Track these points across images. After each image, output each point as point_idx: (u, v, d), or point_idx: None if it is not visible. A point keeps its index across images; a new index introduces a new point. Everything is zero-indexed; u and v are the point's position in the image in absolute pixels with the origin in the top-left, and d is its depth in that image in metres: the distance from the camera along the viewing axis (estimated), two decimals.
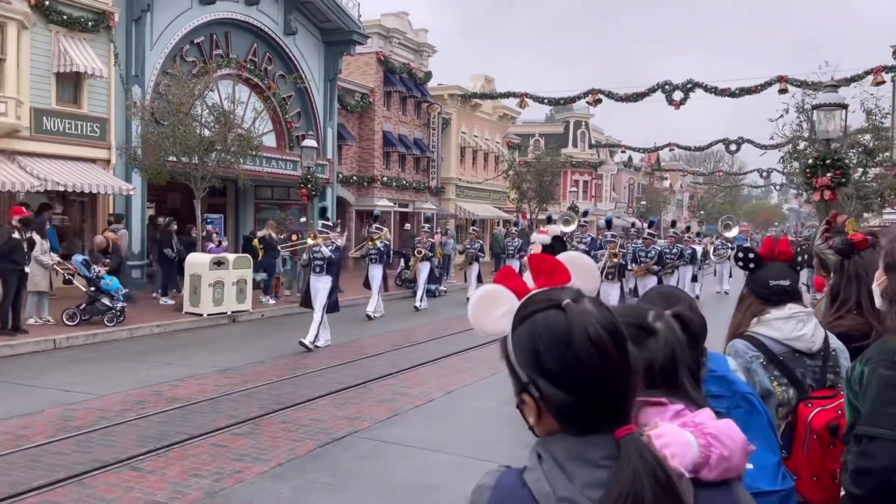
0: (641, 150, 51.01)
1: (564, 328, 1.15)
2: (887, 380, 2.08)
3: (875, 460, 2.01)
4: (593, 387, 1.15)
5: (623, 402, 1.17)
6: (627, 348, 1.19)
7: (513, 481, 1.19)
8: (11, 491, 5.33)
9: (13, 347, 10.78)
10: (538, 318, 1.18)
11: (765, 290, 2.81)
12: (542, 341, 1.16)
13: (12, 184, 14.17)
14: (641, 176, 63.46)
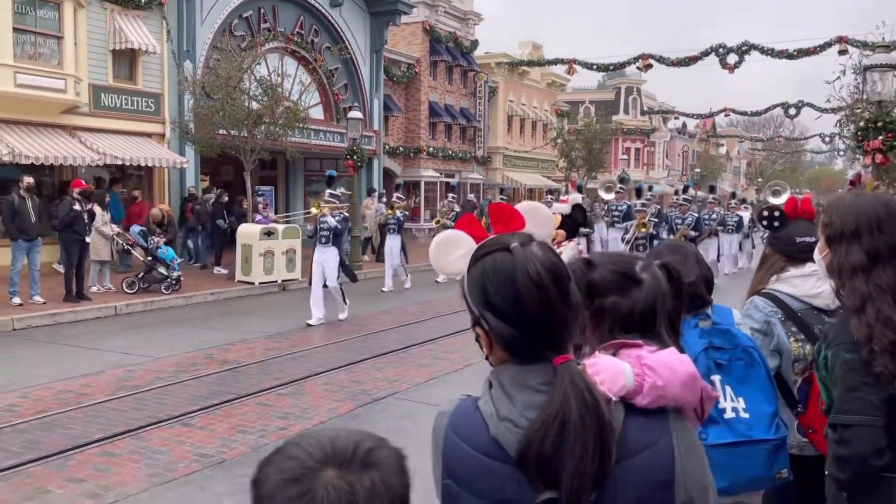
0: (696, 117, 49.73)
1: (510, 268, 1.30)
2: (851, 364, 2.07)
3: (853, 447, 2.03)
4: (534, 321, 1.30)
5: (561, 334, 1.32)
6: (568, 287, 1.33)
7: (468, 406, 1.36)
8: (73, 443, 5.76)
9: (77, 314, 11.39)
10: (488, 260, 1.33)
11: (790, 247, 2.88)
12: (490, 280, 1.32)
13: (73, 158, 14.81)
14: (696, 143, 62.01)
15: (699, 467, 1.38)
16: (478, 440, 1.30)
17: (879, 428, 2.01)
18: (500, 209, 1.43)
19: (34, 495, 4.82)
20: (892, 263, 2.09)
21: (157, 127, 17.84)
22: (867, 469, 2.04)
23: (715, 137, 62.55)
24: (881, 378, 2.01)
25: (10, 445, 5.70)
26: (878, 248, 2.10)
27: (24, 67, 14.37)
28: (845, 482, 2.11)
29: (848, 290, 2.13)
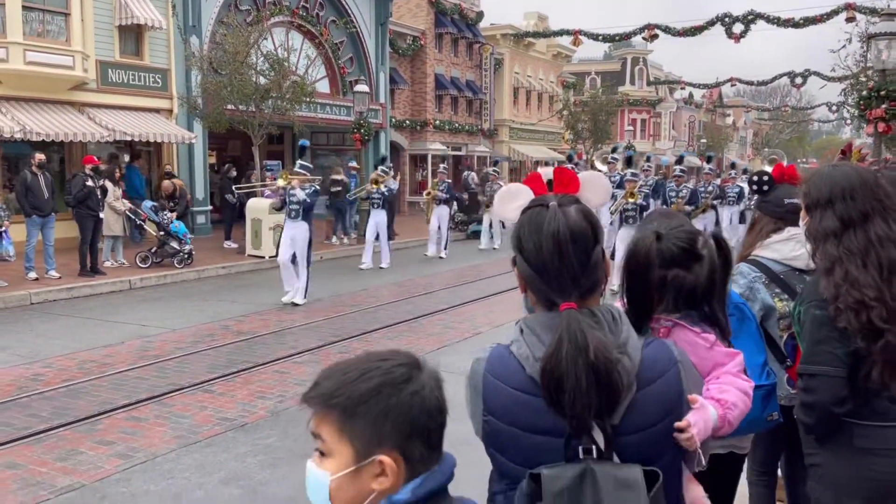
0: (702, 87, 49.41)
1: (541, 221, 1.53)
2: (819, 319, 2.25)
3: (817, 395, 2.22)
4: (549, 269, 1.51)
5: (572, 286, 1.51)
6: (587, 248, 1.52)
7: (501, 351, 1.56)
8: (101, 409, 6.00)
9: (93, 287, 11.63)
10: (529, 212, 1.57)
11: (779, 209, 3.06)
12: (524, 228, 1.56)
13: (83, 134, 14.95)
14: (703, 113, 61.63)
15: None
16: (515, 379, 1.50)
17: (842, 378, 2.20)
18: (562, 173, 1.65)
19: (67, 456, 5.07)
20: (862, 229, 2.25)
21: (164, 102, 17.94)
22: (829, 415, 2.23)
23: (721, 107, 62.20)
24: (845, 333, 2.18)
25: (39, 412, 5.95)
26: (850, 214, 2.27)
27: (32, 45, 14.47)
28: (810, 426, 2.32)
29: (820, 253, 2.31)
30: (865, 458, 2.24)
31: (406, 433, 1.17)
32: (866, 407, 2.23)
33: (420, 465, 1.20)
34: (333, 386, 1.18)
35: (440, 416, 1.22)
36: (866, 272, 2.21)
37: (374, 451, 1.17)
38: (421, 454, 1.19)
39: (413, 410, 1.17)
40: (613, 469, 1.45)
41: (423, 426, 1.18)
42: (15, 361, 7.47)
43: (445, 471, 1.23)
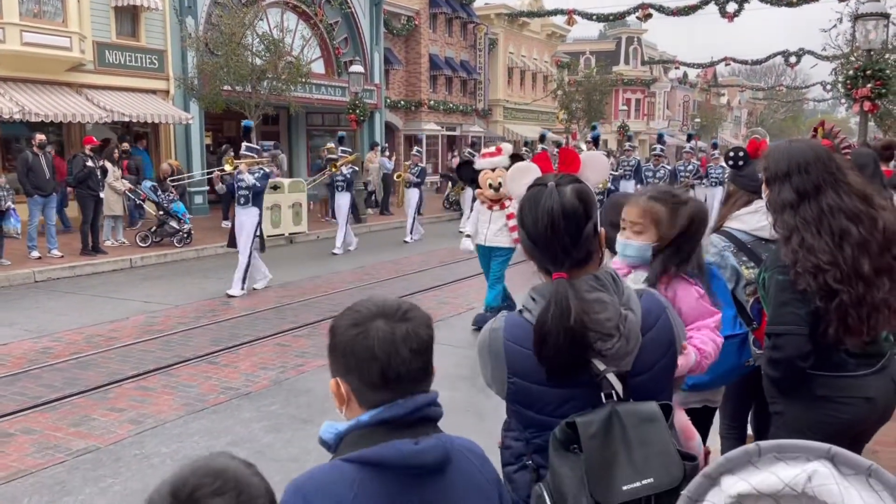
0: (697, 66, 49.37)
1: (539, 199, 1.76)
2: (782, 284, 2.50)
3: (784, 351, 2.48)
4: (543, 242, 1.75)
5: (563, 258, 1.74)
6: (579, 223, 1.74)
7: (515, 319, 1.81)
8: (110, 378, 6.27)
9: (95, 266, 11.86)
10: (531, 190, 1.81)
11: (754, 182, 3.30)
12: (525, 205, 1.79)
13: (82, 115, 15.09)
14: (697, 93, 61.68)
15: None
16: (530, 341, 1.71)
17: (805, 336, 2.47)
18: (566, 154, 1.89)
19: (81, 422, 5.34)
20: (816, 200, 2.49)
21: (161, 84, 18.04)
22: (795, 369, 2.51)
23: (716, 87, 62.20)
24: (805, 294, 2.44)
25: (52, 382, 6.21)
26: (805, 187, 2.50)
27: (29, 25, 14.56)
28: (777, 380, 2.59)
29: (779, 223, 2.54)
30: (824, 404, 2.51)
31: (343, 367, 1.39)
32: (825, 360, 2.49)
33: (362, 395, 1.38)
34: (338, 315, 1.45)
35: (373, 361, 1.34)
36: (821, 239, 2.44)
37: (333, 373, 1.43)
38: (358, 387, 1.38)
39: (347, 350, 1.37)
40: (634, 407, 1.69)
41: (355, 365, 1.37)
42: (24, 336, 7.72)
43: (404, 407, 1.37)
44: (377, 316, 1.38)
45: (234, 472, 1.13)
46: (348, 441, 1.38)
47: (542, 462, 1.76)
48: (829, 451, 1.38)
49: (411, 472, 1.34)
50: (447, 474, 1.39)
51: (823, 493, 1.35)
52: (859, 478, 1.36)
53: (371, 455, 1.33)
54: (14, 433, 5.14)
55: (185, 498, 1.07)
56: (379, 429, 1.36)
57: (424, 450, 1.35)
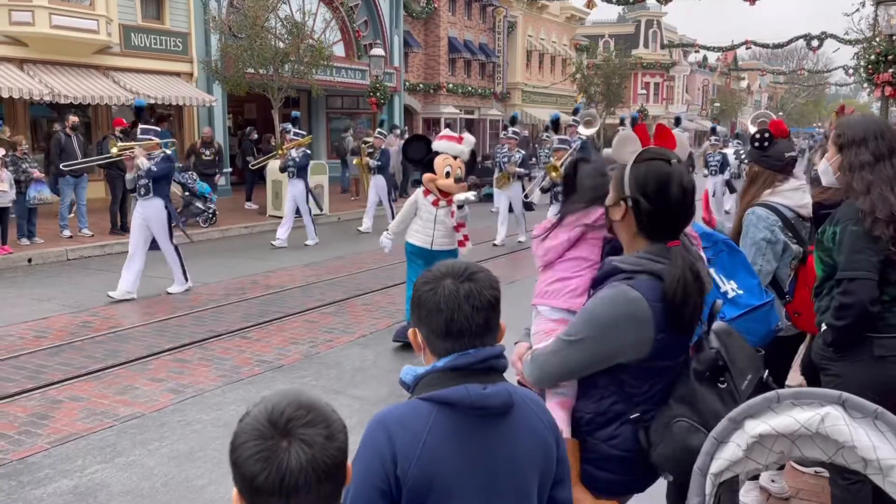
0: (717, 50, 48.81)
1: (667, 175, 1.98)
2: (856, 233, 2.76)
3: (855, 296, 2.72)
4: (668, 212, 1.99)
5: (681, 227, 2.03)
6: (694, 198, 2.02)
7: (645, 281, 1.97)
8: (149, 351, 6.54)
9: (124, 245, 11.99)
10: (653, 163, 2.00)
11: (780, 162, 3.47)
12: (650, 177, 1.99)
13: (109, 98, 15.37)
14: (717, 77, 61.17)
15: None
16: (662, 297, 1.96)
17: (875, 281, 2.72)
18: (663, 130, 2.10)
19: (125, 391, 5.61)
20: (890, 161, 2.81)
21: (185, 66, 18.29)
22: (865, 314, 2.73)
23: (736, 71, 61.58)
24: (879, 242, 2.70)
25: (93, 353, 6.49)
26: (881, 149, 2.83)
27: (58, 8, 14.82)
28: (842, 328, 2.80)
29: (857, 180, 2.83)
30: (883, 364, 2.75)
31: (417, 318, 1.61)
32: (882, 321, 2.74)
33: (432, 344, 1.59)
34: None
35: (438, 314, 1.55)
36: (894, 194, 2.76)
37: (414, 325, 1.65)
38: (428, 336, 1.59)
39: (420, 303, 1.59)
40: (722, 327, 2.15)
41: (426, 317, 1.58)
42: (62, 310, 8.02)
43: (474, 357, 1.56)
44: (446, 276, 1.58)
45: (322, 407, 1.27)
46: (424, 383, 1.58)
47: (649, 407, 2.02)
48: (840, 396, 1.57)
49: (478, 413, 1.52)
50: (510, 418, 1.57)
51: (834, 432, 1.54)
52: (867, 420, 1.55)
53: (445, 395, 1.52)
54: (62, 400, 5.42)
55: (281, 426, 1.17)
56: (451, 374, 1.55)
57: (491, 394, 1.53)
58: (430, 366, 1.59)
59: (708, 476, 1.63)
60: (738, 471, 1.64)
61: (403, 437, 1.49)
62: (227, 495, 4.04)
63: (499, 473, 1.54)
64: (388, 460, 1.48)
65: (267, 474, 1.14)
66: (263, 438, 1.16)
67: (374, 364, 6.35)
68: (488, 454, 1.53)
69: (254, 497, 1.18)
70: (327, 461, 1.18)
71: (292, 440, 1.17)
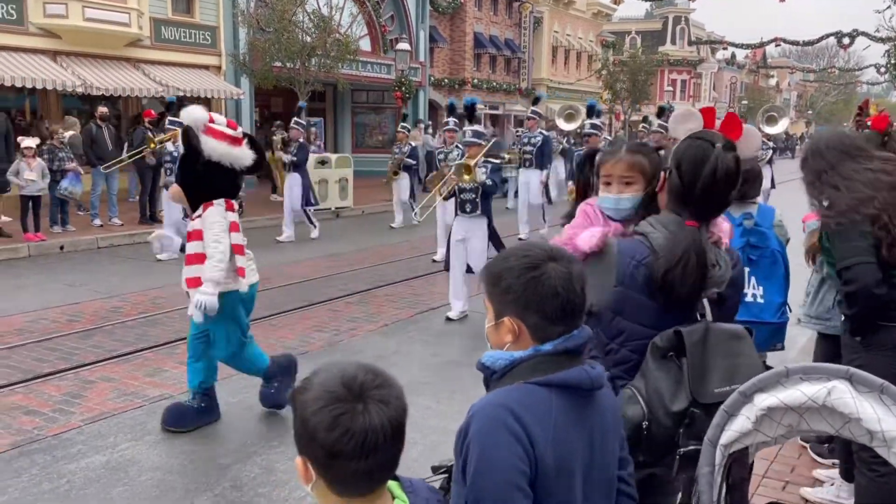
0: (745, 47, 48.34)
1: (703, 156, 2.02)
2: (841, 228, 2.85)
3: (857, 281, 2.77)
4: (698, 196, 2.02)
5: (706, 212, 2.06)
6: (731, 189, 2.04)
7: (630, 240, 2.09)
8: (177, 336, 6.67)
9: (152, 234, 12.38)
10: (698, 143, 2.05)
11: None
12: (687, 155, 2.04)
13: (139, 90, 15.63)
14: (745, 74, 60.52)
15: None
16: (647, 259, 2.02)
17: (873, 263, 2.77)
18: (732, 118, 2.13)
19: (155, 373, 5.76)
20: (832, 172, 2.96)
21: (213, 59, 18.52)
22: (873, 298, 2.77)
23: (765, 68, 60.92)
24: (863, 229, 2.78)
25: (124, 337, 6.67)
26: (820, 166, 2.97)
27: (91, 2, 15.08)
28: (855, 316, 2.85)
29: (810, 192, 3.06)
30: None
31: (522, 306, 1.54)
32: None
33: (540, 331, 1.54)
34: (489, 263, 1.65)
35: (555, 299, 1.51)
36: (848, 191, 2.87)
37: (503, 314, 1.58)
38: (536, 322, 1.53)
39: (528, 290, 1.53)
40: (724, 326, 2.02)
41: (537, 303, 1.52)
42: (94, 296, 8.22)
43: (580, 337, 1.57)
44: (548, 259, 1.55)
45: (384, 371, 1.33)
46: (527, 367, 1.54)
47: (619, 374, 2.05)
48: (847, 371, 1.62)
49: (583, 393, 1.56)
50: (598, 394, 1.61)
51: (840, 405, 1.60)
52: (873, 394, 1.60)
53: (567, 377, 1.52)
54: (94, 381, 5.59)
55: (356, 389, 1.23)
56: (559, 357, 1.54)
57: (600, 374, 1.58)
58: (532, 349, 1.56)
59: (718, 447, 1.69)
60: (747, 442, 1.70)
61: (534, 421, 1.47)
62: (252, 472, 4.17)
63: (595, 446, 1.59)
64: (527, 444, 1.45)
65: (351, 435, 1.20)
66: (341, 401, 1.22)
67: (396, 352, 6.44)
68: (591, 429, 1.58)
69: (333, 462, 1.23)
70: (400, 419, 1.26)
71: (368, 401, 1.23)
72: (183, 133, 4.44)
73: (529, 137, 12.90)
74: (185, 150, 4.51)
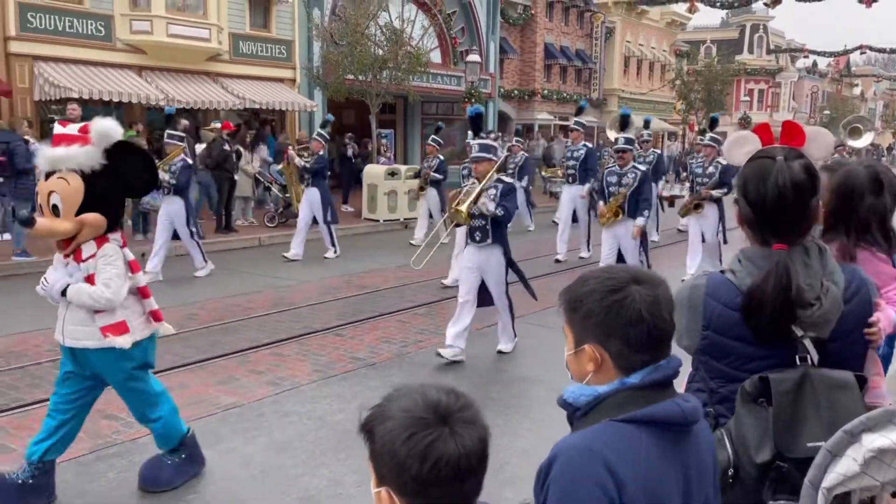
0: (828, 55, 46.81)
1: (766, 172, 1.85)
2: None
3: None
4: (769, 213, 1.86)
5: (787, 230, 1.84)
6: (806, 199, 1.84)
7: (718, 277, 1.92)
8: (249, 344, 6.81)
9: (228, 243, 12.73)
10: (757, 161, 1.91)
11: None
12: (750, 175, 1.90)
13: (218, 102, 16.13)
14: (827, 83, 58.26)
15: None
16: (733, 301, 1.85)
17: None
18: (790, 127, 1.96)
19: (227, 381, 5.86)
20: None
21: (288, 72, 18.97)
22: None
23: (849, 77, 58.55)
24: None
25: (198, 344, 6.82)
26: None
27: (174, 18, 15.68)
28: None
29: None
30: None
31: (605, 332, 1.44)
32: None
33: (623, 359, 1.43)
34: (568, 287, 1.55)
35: (639, 324, 1.40)
36: None
37: (584, 341, 1.48)
38: (620, 350, 1.43)
39: (610, 316, 1.42)
40: (827, 373, 1.79)
41: (620, 328, 1.42)
42: (172, 303, 8.42)
43: (669, 368, 1.45)
44: (632, 282, 1.44)
45: (463, 393, 1.27)
46: (613, 402, 1.43)
47: (723, 412, 1.90)
48: None
49: (676, 428, 1.43)
50: (694, 430, 1.48)
51: None
52: None
53: (657, 413, 1.40)
54: (170, 387, 5.64)
55: (442, 412, 1.19)
56: (647, 390, 1.42)
57: (695, 408, 1.45)
58: (618, 382, 1.45)
59: (820, 490, 1.56)
60: (852, 486, 1.56)
61: (624, 465, 1.36)
62: (320, 485, 4.16)
63: (692, 487, 1.48)
64: (613, 493, 1.34)
65: (445, 462, 1.16)
66: (430, 427, 1.17)
67: (464, 366, 6.37)
68: (686, 468, 1.46)
69: (426, 490, 1.18)
70: (486, 439, 1.22)
71: (455, 424, 1.19)
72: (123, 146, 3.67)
73: (573, 151, 12.04)
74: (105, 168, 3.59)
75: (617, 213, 8.45)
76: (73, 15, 14.81)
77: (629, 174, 8.41)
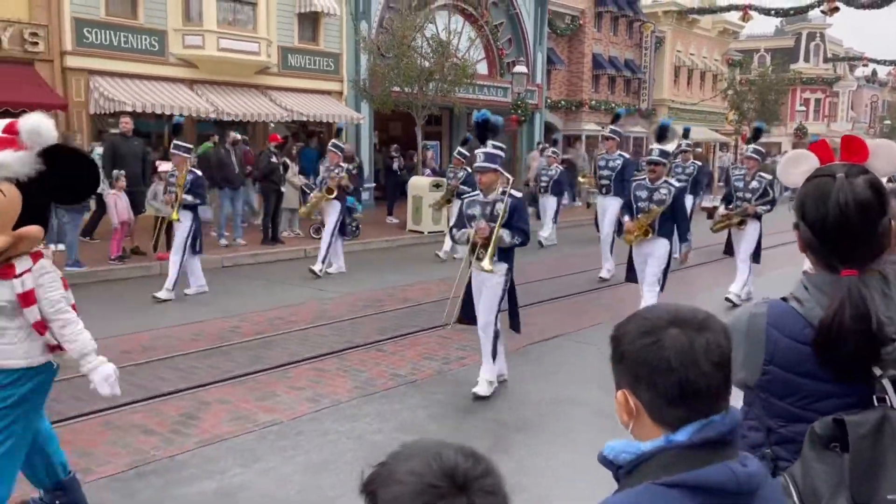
0: (889, 63, 45.30)
1: (827, 192, 1.66)
2: None
3: None
4: (834, 238, 1.68)
5: (854, 254, 1.66)
6: (874, 218, 1.65)
7: (782, 306, 1.74)
8: (290, 359, 6.78)
9: (275, 254, 12.82)
10: (815, 181, 1.73)
11: None
12: (810, 196, 1.73)
13: (266, 115, 16.33)
14: (888, 92, 56.36)
15: None
16: (800, 334, 1.68)
17: None
18: (850, 141, 1.78)
19: (266, 397, 5.82)
20: None
21: (335, 85, 19.12)
22: None
23: None
24: None
25: (239, 358, 6.82)
26: None
27: (225, 32, 15.94)
28: None
29: None
30: None
31: (635, 379, 1.30)
32: None
33: (656, 411, 1.28)
34: (617, 323, 1.39)
35: (668, 374, 1.25)
36: None
37: (619, 386, 1.34)
38: (651, 401, 1.28)
39: (638, 361, 1.28)
40: None
41: (647, 377, 1.27)
42: (216, 314, 8.51)
43: (723, 424, 1.26)
44: (670, 324, 1.27)
45: (484, 457, 1.12)
46: (659, 462, 1.26)
47: (783, 454, 1.73)
48: None
49: (729, 497, 1.23)
50: (757, 495, 1.28)
51: None
52: None
53: (707, 478, 1.22)
54: (210, 402, 5.70)
55: (460, 479, 1.05)
56: (697, 450, 1.25)
57: (755, 472, 1.26)
58: (663, 440, 1.28)
59: None
60: None
61: None
62: None
63: None
64: None
65: None
66: (444, 498, 1.03)
67: (507, 386, 6.22)
68: None
69: None
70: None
71: (474, 494, 1.04)
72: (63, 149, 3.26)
73: (607, 160, 11.59)
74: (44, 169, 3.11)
75: (647, 233, 7.77)
76: (128, 30, 15.18)
77: (661, 189, 7.76)
